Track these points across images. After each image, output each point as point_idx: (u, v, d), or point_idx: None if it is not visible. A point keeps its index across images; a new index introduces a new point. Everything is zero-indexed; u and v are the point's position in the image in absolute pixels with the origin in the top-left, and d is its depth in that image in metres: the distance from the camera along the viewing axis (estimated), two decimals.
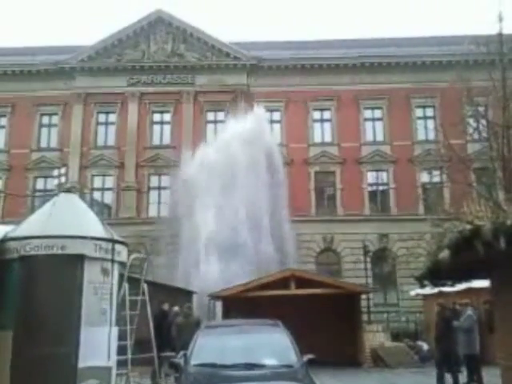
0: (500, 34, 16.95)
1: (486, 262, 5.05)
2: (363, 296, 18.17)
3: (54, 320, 5.18)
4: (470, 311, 11.04)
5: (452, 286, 7.23)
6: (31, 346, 5.06)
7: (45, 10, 73.76)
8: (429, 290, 13.45)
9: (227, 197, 21.92)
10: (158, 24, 28.81)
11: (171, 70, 28.31)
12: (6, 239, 5.45)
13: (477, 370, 10.32)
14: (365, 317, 18.18)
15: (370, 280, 23.06)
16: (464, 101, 19.66)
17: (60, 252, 5.28)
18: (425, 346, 16.18)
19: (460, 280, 7.14)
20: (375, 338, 16.63)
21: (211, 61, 28.46)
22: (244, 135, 23.32)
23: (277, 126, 27.91)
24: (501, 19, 16.60)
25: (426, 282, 6.67)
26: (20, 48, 29.72)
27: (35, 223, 5.65)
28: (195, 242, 21.68)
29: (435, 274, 5.99)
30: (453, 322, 10.54)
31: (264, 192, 22.85)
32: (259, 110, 25.77)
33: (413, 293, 19.19)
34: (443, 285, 7.13)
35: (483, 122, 19.11)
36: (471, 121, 20.10)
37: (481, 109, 19.59)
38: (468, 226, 4.76)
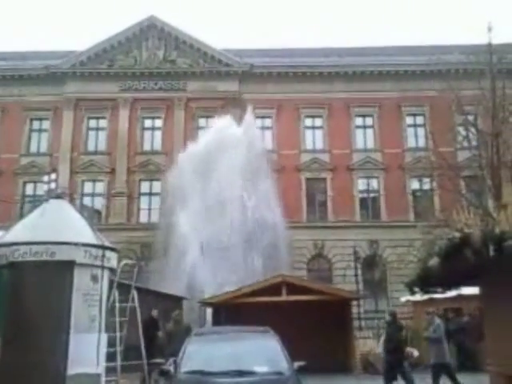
0: (489, 44, 17.21)
1: (475, 269, 5.10)
2: (354, 302, 18.18)
3: (42, 327, 5.14)
4: (437, 320, 10.86)
5: (442, 292, 7.25)
6: (20, 352, 5.01)
7: (36, 15, 73.57)
8: (419, 297, 13.46)
9: (217, 202, 21.88)
10: (151, 30, 28.83)
11: (163, 77, 28.32)
12: None
13: (450, 378, 10.29)
14: (356, 323, 18.18)
15: (360, 286, 23.09)
16: (454, 109, 19.89)
17: (49, 258, 5.25)
18: (415, 353, 16.16)
19: (450, 287, 7.17)
20: (366, 344, 16.61)
21: (203, 67, 28.51)
22: (234, 141, 23.31)
23: (268, 133, 27.99)
24: (490, 29, 16.87)
25: (416, 289, 6.70)
26: (10, 52, 29.56)
27: (25, 229, 5.62)
28: (186, 248, 21.60)
29: (425, 280, 6.03)
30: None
31: (255, 198, 22.85)
32: (250, 117, 25.82)
33: (403, 299, 19.23)
34: (433, 292, 7.16)
35: (473, 130, 19.35)
36: (461, 129, 20.33)
37: (470, 117, 19.81)
38: (458, 234, 4.79)
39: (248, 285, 16.29)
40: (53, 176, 20.00)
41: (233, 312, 14.11)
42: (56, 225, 5.54)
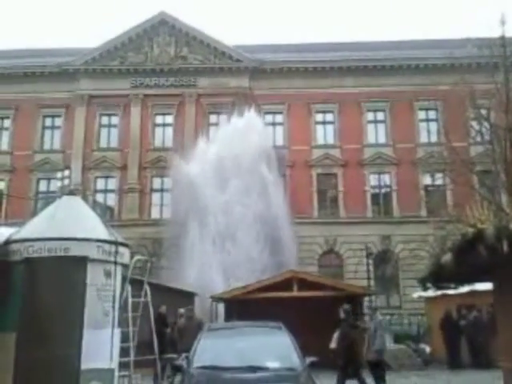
0: (503, 37, 16.98)
1: (488, 264, 5.06)
2: (366, 298, 18.13)
3: (57, 322, 5.19)
4: (380, 317, 10.71)
5: (455, 288, 7.21)
6: (34, 347, 5.07)
7: (48, 13, 74.04)
8: (432, 293, 13.40)
9: (229, 198, 21.94)
10: (161, 27, 28.88)
11: (174, 73, 28.38)
12: (9, 241, 5.47)
13: (382, 375, 10.08)
14: (367, 319, 18.12)
15: (372, 282, 23.03)
16: (467, 103, 19.66)
17: (63, 254, 5.29)
18: (427, 349, 16.14)
19: (463, 283, 7.12)
20: None
21: (214, 63, 28.51)
22: (244, 137, 23.33)
23: (279, 129, 27.98)
24: (503, 22, 16.62)
25: (428, 285, 6.66)
26: (23, 50, 29.84)
27: (39, 225, 5.67)
28: (197, 243, 21.70)
29: (438, 276, 5.98)
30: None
31: (266, 194, 22.87)
32: (260, 113, 25.84)
33: (415, 295, 19.16)
34: (446, 287, 7.12)
35: (486, 124, 19.12)
36: (474, 123, 20.10)
37: (483, 111, 19.57)
38: (471, 230, 4.75)
39: (259, 280, 16.31)
40: (66, 173, 20.19)
41: (244, 307, 14.13)
42: (69, 221, 5.58)
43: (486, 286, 8.20)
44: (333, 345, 10.75)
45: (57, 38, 69.87)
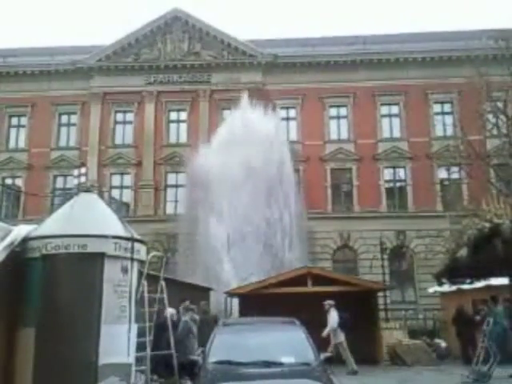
0: None
1: (505, 259, 5.02)
2: (380, 293, 18.05)
3: (74, 318, 5.26)
4: (186, 317, 9.86)
5: (470, 283, 7.17)
6: (53, 342, 5.15)
7: (62, 11, 74.57)
8: (447, 288, 13.30)
9: (243, 194, 21.94)
10: (175, 23, 28.93)
11: (187, 69, 28.44)
12: (28, 238, 5.56)
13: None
14: (382, 314, 18.07)
15: (386, 277, 22.91)
16: (483, 96, 19.43)
17: (81, 251, 5.37)
18: (443, 344, 16.03)
19: (479, 278, 7.09)
20: (392, 335, 16.49)
21: (227, 59, 28.50)
22: (257, 132, 23.28)
23: (293, 124, 27.90)
24: None
25: (444, 280, 6.64)
26: (38, 48, 30.12)
27: (56, 222, 5.75)
28: (211, 239, 21.77)
29: (453, 271, 5.97)
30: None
31: (280, 189, 22.85)
32: (273, 108, 25.75)
33: (431, 290, 19.04)
34: (462, 282, 7.09)
35: (502, 117, 18.91)
36: (490, 116, 19.86)
37: (500, 104, 19.33)
38: (487, 224, 4.73)
39: (274, 276, 16.32)
40: (82, 170, 20.31)
41: (259, 303, 14.17)
42: (87, 218, 5.65)
43: (502, 280, 8.14)
44: None
45: (71, 36, 70.41)
